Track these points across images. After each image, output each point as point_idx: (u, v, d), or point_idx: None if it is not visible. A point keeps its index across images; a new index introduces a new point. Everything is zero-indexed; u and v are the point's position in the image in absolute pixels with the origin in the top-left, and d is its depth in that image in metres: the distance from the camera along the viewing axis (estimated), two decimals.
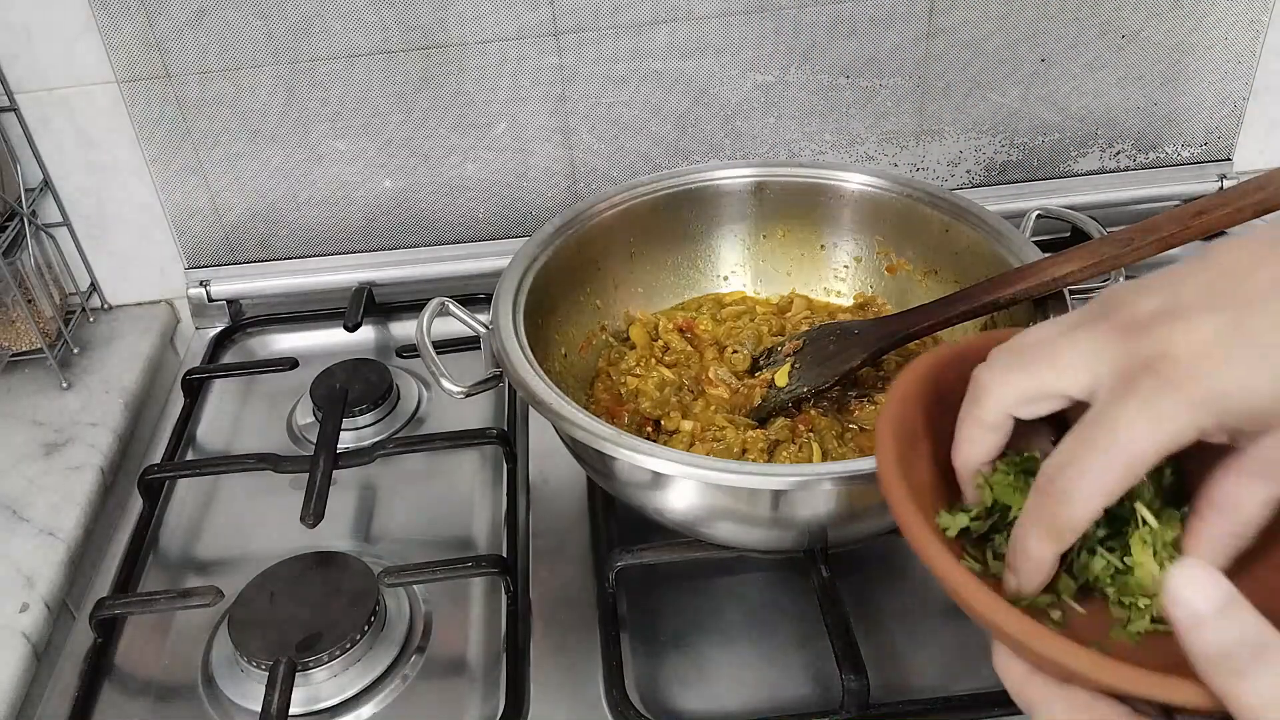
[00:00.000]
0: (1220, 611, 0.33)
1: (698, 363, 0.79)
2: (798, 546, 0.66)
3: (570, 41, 0.93)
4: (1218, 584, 0.33)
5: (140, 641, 0.72)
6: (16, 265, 0.92)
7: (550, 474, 0.81)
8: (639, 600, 0.71)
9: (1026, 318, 0.69)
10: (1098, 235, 0.74)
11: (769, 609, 0.70)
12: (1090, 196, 1.04)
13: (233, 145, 0.96)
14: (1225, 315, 0.35)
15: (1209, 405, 0.35)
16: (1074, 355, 0.38)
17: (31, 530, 0.80)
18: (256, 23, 0.90)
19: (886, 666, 0.65)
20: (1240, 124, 1.05)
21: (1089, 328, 0.38)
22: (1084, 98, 1.01)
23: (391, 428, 0.89)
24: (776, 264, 0.88)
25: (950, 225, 0.78)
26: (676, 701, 0.65)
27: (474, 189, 1.01)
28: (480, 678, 0.68)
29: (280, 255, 1.03)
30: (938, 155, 1.04)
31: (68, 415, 0.91)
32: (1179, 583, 0.33)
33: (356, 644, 0.67)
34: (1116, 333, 0.37)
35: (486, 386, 0.69)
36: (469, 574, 0.72)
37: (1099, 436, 0.36)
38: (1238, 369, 0.34)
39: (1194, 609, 0.33)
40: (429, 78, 0.94)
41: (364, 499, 0.83)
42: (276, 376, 0.95)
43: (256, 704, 0.63)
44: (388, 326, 1.02)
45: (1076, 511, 0.37)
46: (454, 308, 0.74)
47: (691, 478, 0.58)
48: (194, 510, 0.83)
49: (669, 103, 0.97)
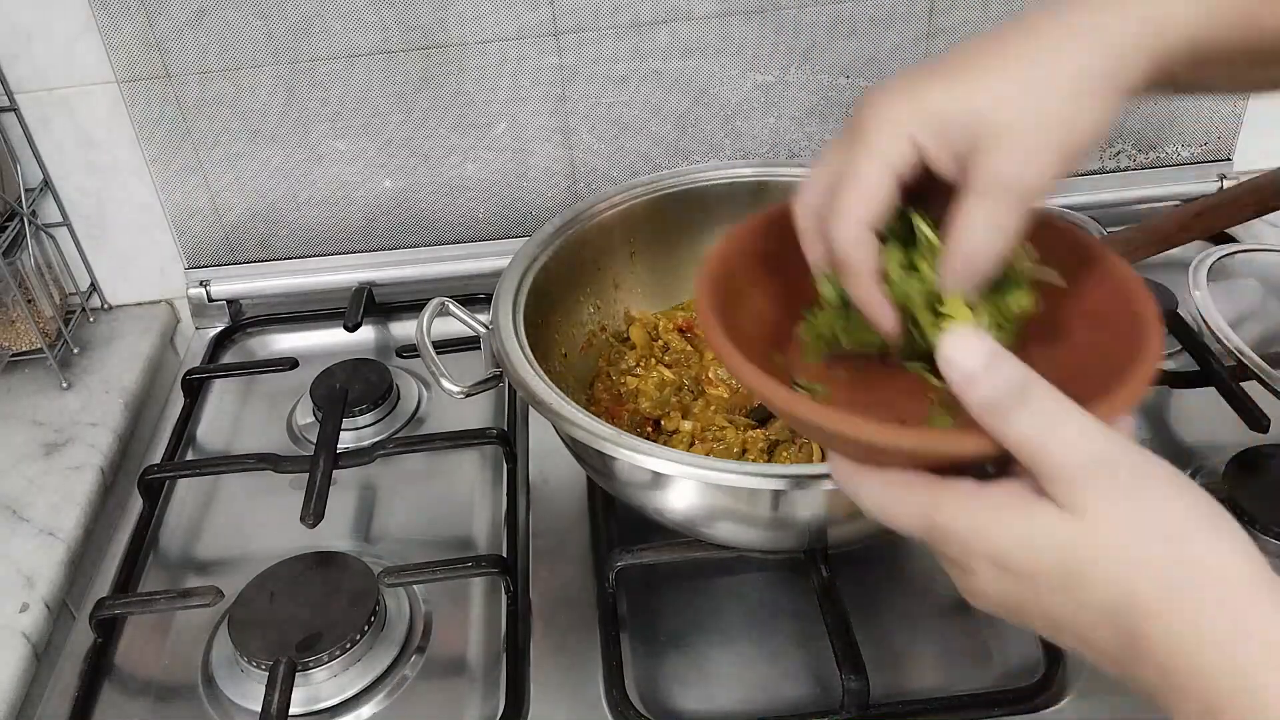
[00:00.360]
0: (986, 367, 0.37)
1: (698, 363, 0.79)
2: (798, 546, 0.66)
3: (570, 41, 0.93)
4: (981, 342, 0.38)
5: (140, 641, 0.72)
6: (16, 265, 0.92)
7: (550, 474, 0.81)
8: (639, 600, 0.71)
9: None
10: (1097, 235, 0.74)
11: (769, 609, 0.70)
12: (1090, 196, 1.04)
13: (233, 145, 0.96)
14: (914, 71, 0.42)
15: (920, 113, 0.40)
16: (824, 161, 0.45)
17: (31, 530, 0.80)
18: (256, 23, 0.90)
19: (886, 666, 0.65)
20: (1240, 124, 1.05)
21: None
22: None
23: (391, 428, 0.89)
24: None
25: None
26: (676, 701, 0.65)
27: (474, 189, 1.01)
28: (480, 678, 0.68)
29: (280, 255, 1.03)
30: None
31: (68, 415, 0.91)
32: (949, 347, 0.38)
33: (356, 644, 0.67)
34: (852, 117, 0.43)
35: (486, 386, 0.68)
36: (469, 574, 0.72)
37: (848, 172, 0.42)
38: (936, 88, 0.41)
39: (964, 368, 0.37)
40: (429, 78, 0.94)
41: (364, 499, 0.83)
42: (276, 376, 0.95)
43: (256, 704, 0.63)
44: (388, 326, 1.02)
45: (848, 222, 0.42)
46: (454, 308, 0.74)
47: (691, 478, 0.58)
48: (194, 510, 0.83)
49: (669, 103, 0.97)
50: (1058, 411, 0.36)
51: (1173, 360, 0.89)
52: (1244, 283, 0.98)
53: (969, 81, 0.40)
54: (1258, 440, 0.76)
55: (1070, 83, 0.40)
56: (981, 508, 0.37)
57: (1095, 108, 0.40)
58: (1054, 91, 0.39)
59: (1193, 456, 0.80)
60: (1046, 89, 0.40)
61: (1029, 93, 0.39)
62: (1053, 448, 0.36)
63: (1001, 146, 0.40)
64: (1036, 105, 0.39)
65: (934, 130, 0.40)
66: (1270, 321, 0.94)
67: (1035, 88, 0.40)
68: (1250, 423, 0.75)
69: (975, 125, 0.40)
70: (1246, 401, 0.76)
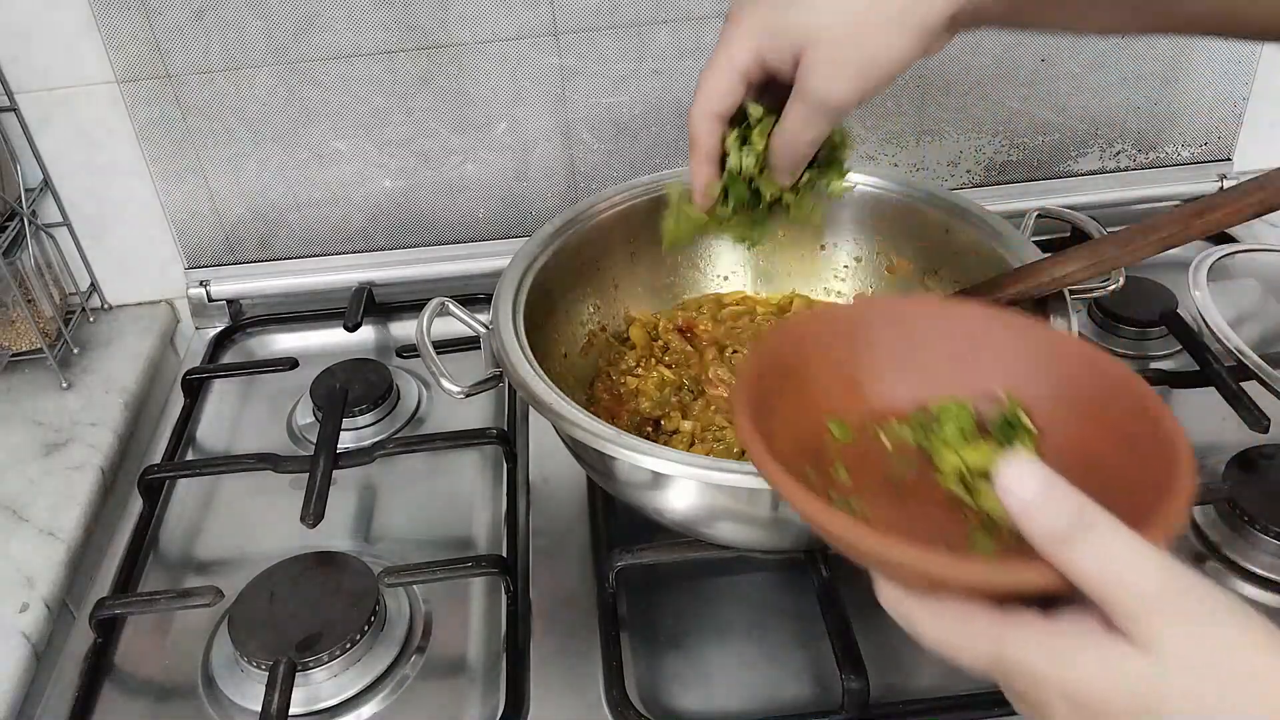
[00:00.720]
0: (1044, 496, 0.37)
1: (698, 362, 0.79)
2: (798, 546, 0.66)
3: (570, 41, 0.93)
4: (1038, 470, 0.38)
5: (140, 641, 0.72)
6: (16, 265, 0.92)
7: (550, 474, 0.81)
8: (639, 600, 0.71)
9: None
10: (1098, 235, 0.74)
11: (769, 609, 0.70)
12: (1090, 196, 1.04)
13: (233, 145, 0.96)
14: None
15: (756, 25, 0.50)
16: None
17: (31, 530, 0.80)
18: (256, 23, 0.90)
19: (886, 666, 0.65)
20: (1240, 124, 1.05)
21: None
22: (1084, 97, 1.01)
23: (391, 428, 0.89)
24: (776, 264, 0.88)
25: (950, 225, 0.78)
26: (676, 701, 0.65)
27: (474, 189, 1.01)
28: (480, 678, 0.68)
29: (280, 255, 1.03)
30: (938, 155, 1.04)
31: (68, 415, 0.91)
32: (1006, 476, 0.38)
33: (356, 644, 0.67)
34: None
35: (486, 386, 0.68)
36: (469, 574, 0.72)
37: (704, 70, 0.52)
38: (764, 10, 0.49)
39: (1023, 497, 0.37)
40: (429, 78, 0.94)
41: (364, 499, 0.83)
42: (276, 376, 0.95)
43: (256, 704, 0.63)
44: (388, 326, 1.02)
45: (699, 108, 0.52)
46: (454, 308, 0.74)
47: (691, 478, 0.58)
48: (194, 510, 0.83)
49: (669, 103, 0.97)
50: (1120, 541, 0.36)
51: (1173, 360, 0.89)
52: (1244, 283, 0.98)
53: (805, 7, 0.49)
54: (1258, 440, 0.76)
55: (878, 17, 0.48)
56: (1052, 644, 0.37)
57: (894, 44, 0.48)
58: (863, 25, 0.48)
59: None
60: (859, 22, 0.48)
61: (844, 23, 0.48)
62: (1120, 580, 0.35)
63: (814, 65, 0.49)
64: (846, 36, 0.48)
65: (771, 43, 0.50)
66: (1270, 321, 0.94)
67: (850, 19, 0.48)
68: (1250, 423, 0.75)
69: (800, 42, 0.49)
70: (1246, 401, 0.76)
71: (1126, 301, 0.91)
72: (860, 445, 0.51)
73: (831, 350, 0.52)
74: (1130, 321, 0.91)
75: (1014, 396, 0.49)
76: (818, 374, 0.51)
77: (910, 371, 0.52)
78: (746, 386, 0.47)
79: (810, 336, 0.51)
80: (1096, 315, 0.93)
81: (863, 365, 0.52)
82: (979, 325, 0.51)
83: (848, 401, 0.51)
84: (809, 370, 0.50)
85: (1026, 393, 0.49)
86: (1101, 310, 0.92)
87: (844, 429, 0.51)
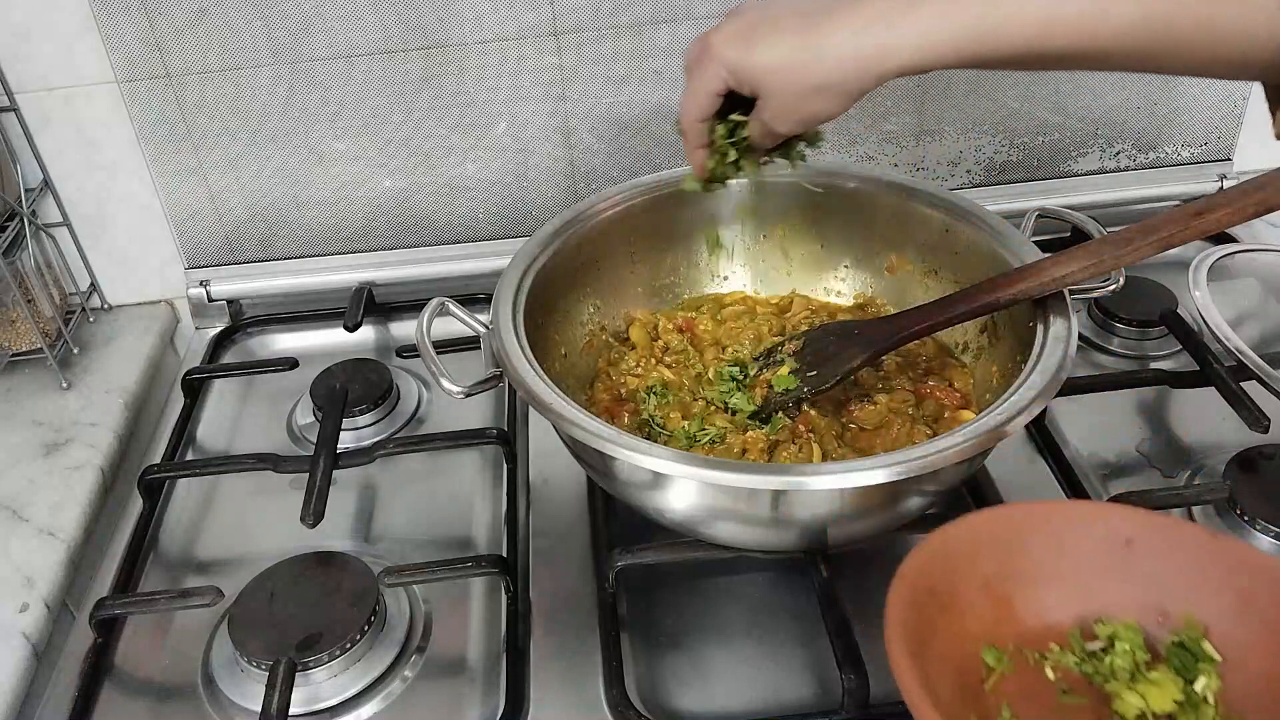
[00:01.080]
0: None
1: (698, 362, 0.79)
2: (798, 546, 0.66)
3: (570, 41, 0.93)
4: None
5: (140, 641, 0.72)
6: (16, 265, 0.92)
7: (550, 474, 0.81)
8: (639, 600, 0.71)
9: (1026, 317, 0.69)
10: (1098, 235, 0.74)
11: (769, 609, 0.70)
12: (1090, 196, 1.04)
13: (233, 145, 0.96)
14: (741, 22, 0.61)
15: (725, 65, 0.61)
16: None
17: (31, 530, 0.80)
18: (256, 23, 0.90)
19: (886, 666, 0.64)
20: (1240, 124, 1.05)
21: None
22: (1084, 98, 1.01)
23: (391, 428, 0.89)
24: (776, 264, 0.88)
25: (950, 225, 0.78)
26: (676, 701, 0.65)
27: (474, 189, 1.01)
28: (480, 678, 0.68)
29: (280, 255, 1.03)
30: (938, 155, 1.04)
31: (68, 415, 0.91)
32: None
33: (356, 644, 0.67)
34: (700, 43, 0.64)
35: (486, 386, 0.68)
36: (469, 574, 0.72)
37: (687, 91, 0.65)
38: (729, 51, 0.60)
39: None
40: (429, 78, 0.94)
41: (364, 499, 0.83)
42: (276, 376, 0.95)
43: (256, 704, 0.63)
44: (388, 326, 1.02)
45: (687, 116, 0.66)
46: (454, 308, 0.74)
47: (691, 478, 0.58)
48: (194, 510, 0.83)
49: (669, 103, 0.97)
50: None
51: (1173, 360, 0.89)
52: (1244, 283, 0.98)
53: (758, 60, 0.59)
54: (1258, 440, 0.76)
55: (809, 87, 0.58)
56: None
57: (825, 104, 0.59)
58: (799, 89, 0.59)
59: (1193, 456, 0.80)
60: (794, 88, 0.59)
61: (784, 87, 0.59)
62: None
63: (766, 104, 0.61)
64: (787, 93, 0.59)
65: (735, 78, 0.61)
66: (1270, 321, 0.94)
67: (788, 84, 0.59)
68: (1250, 423, 0.75)
69: (755, 81, 0.60)
70: (1246, 401, 0.76)
71: (1126, 301, 0.91)
72: (1022, 678, 0.48)
73: (979, 564, 0.49)
74: (1130, 321, 0.91)
75: (1191, 620, 0.46)
76: (966, 592, 0.47)
77: (1065, 584, 0.49)
78: (900, 620, 0.44)
79: (956, 552, 0.49)
80: (1096, 315, 0.93)
81: (1013, 579, 0.49)
82: (1146, 531, 0.48)
83: (1002, 623, 0.48)
84: (958, 590, 0.47)
85: (1202, 612, 0.46)
86: (1101, 310, 0.92)
87: (1000, 658, 0.47)
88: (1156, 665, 0.46)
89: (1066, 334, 0.65)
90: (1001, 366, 0.74)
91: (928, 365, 0.79)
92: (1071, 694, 0.47)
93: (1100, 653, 0.47)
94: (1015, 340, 0.71)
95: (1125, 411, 0.84)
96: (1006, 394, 0.61)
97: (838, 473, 0.56)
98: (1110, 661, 0.46)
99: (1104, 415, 0.83)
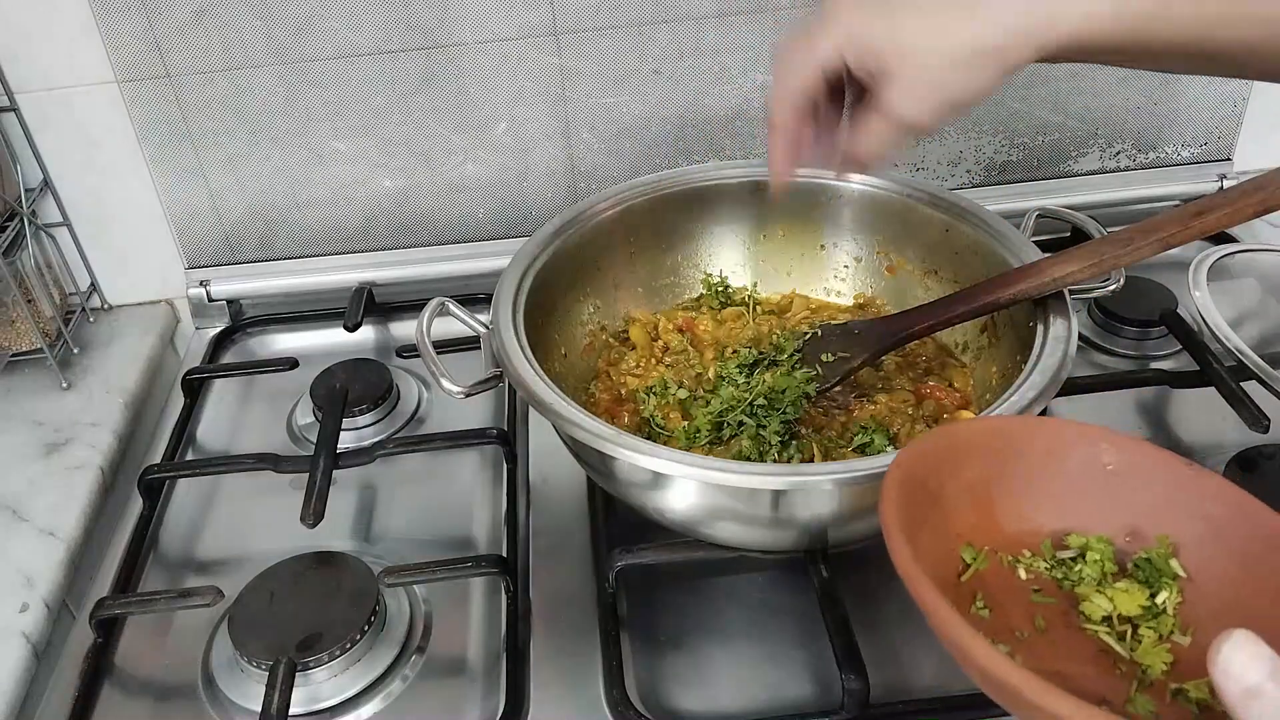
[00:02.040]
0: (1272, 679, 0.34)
1: (698, 362, 0.79)
2: (798, 546, 0.66)
3: (570, 41, 0.93)
4: (1263, 652, 0.35)
5: (140, 641, 0.72)
6: (16, 265, 0.92)
7: (550, 474, 0.81)
8: (639, 600, 0.71)
9: (1026, 317, 0.69)
10: (1098, 235, 0.74)
11: (769, 609, 0.70)
12: (1090, 196, 1.04)
13: (233, 145, 0.96)
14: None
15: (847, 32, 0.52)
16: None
17: (31, 530, 0.80)
18: (256, 23, 0.90)
19: (886, 666, 0.65)
20: (1240, 124, 1.05)
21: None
22: (1084, 98, 1.01)
23: (391, 428, 0.89)
24: (776, 264, 0.88)
25: (950, 225, 0.78)
26: (676, 701, 0.65)
27: (474, 189, 1.01)
28: (480, 678, 0.68)
29: (280, 255, 1.03)
30: (938, 155, 1.04)
31: (68, 415, 0.91)
32: (1229, 659, 0.35)
33: (356, 644, 0.67)
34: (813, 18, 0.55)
35: (486, 386, 0.68)
36: (469, 574, 0.72)
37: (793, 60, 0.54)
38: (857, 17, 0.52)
39: (1247, 682, 0.35)
40: (429, 78, 0.94)
41: (364, 499, 0.83)
42: (276, 376, 0.95)
43: (256, 704, 0.63)
44: (388, 326, 1.02)
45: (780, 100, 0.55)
46: (454, 308, 0.74)
47: (691, 478, 0.58)
48: (194, 510, 0.83)
49: (669, 103, 0.97)
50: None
51: (1173, 360, 0.89)
52: (1244, 283, 0.98)
53: (896, 25, 0.51)
54: (1258, 440, 0.76)
55: (963, 51, 0.50)
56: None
57: (975, 77, 0.50)
58: (948, 55, 0.50)
59: (1193, 456, 0.79)
60: (943, 51, 0.50)
61: (930, 50, 0.50)
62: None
63: (896, 84, 0.52)
64: (930, 61, 0.51)
65: (857, 51, 0.52)
66: (1270, 321, 0.94)
67: (936, 47, 0.50)
68: (1250, 423, 0.75)
69: (884, 59, 0.51)
70: (1246, 401, 0.76)
71: (1126, 301, 0.91)
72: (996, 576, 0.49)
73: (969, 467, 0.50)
74: (1130, 321, 0.91)
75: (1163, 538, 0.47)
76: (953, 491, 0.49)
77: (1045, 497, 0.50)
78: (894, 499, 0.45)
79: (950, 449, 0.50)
80: (1096, 315, 0.93)
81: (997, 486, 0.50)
82: (1127, 457, 0.49)
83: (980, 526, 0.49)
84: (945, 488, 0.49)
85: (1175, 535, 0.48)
86: (1101, 310, 0.92)
87: (978, 556, 0.49)
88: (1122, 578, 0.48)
89: (1066, 334, 0.65)
90: (1001, 366, 0.74)
91: (928, 365, 0.79)
92: (1042, 594, 0.49)
93: (1070, 561, 0.49)
94: (1015, 340, 0.72)
95: (1125, 411, 0.84)
96: (1006, 394, 0.61)
97: (838, 472, 0.57)
98: (1080, 569, 0.49)
99: (1104, 415, 0.83)
